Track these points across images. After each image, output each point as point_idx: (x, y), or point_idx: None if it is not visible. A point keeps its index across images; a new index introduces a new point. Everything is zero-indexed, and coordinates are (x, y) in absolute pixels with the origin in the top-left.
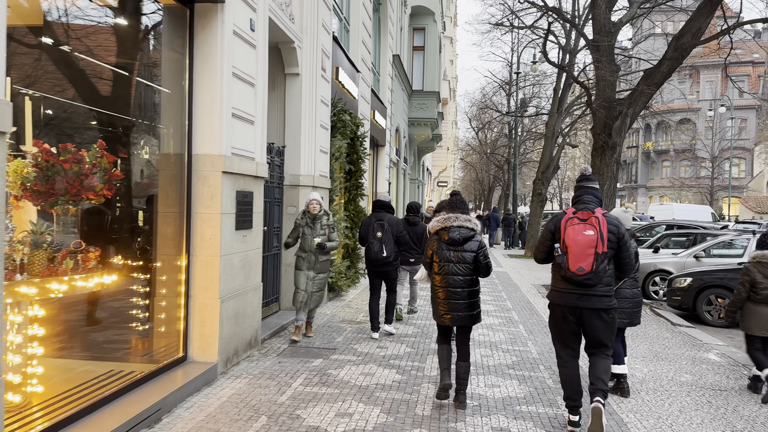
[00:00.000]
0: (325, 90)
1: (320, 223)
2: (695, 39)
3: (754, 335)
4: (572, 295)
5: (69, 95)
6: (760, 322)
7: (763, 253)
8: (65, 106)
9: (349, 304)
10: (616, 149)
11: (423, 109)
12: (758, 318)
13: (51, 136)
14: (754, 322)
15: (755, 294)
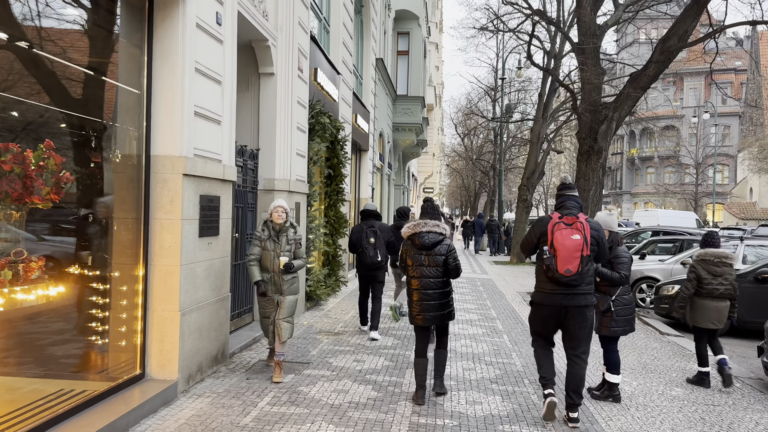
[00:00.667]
0: (303, 91)
1: (286, 237)
2: (681, 42)
3: (701, 327)
4: (558, 296)
5: (12, 90)
6: (706, 314)
7: (707, 251)
8: (5, 101)
9: (328, 313)
10: (602, 154)
11: (408, 114)
12: (704, 311)
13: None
14: (700, 315)
15: (701, 289)
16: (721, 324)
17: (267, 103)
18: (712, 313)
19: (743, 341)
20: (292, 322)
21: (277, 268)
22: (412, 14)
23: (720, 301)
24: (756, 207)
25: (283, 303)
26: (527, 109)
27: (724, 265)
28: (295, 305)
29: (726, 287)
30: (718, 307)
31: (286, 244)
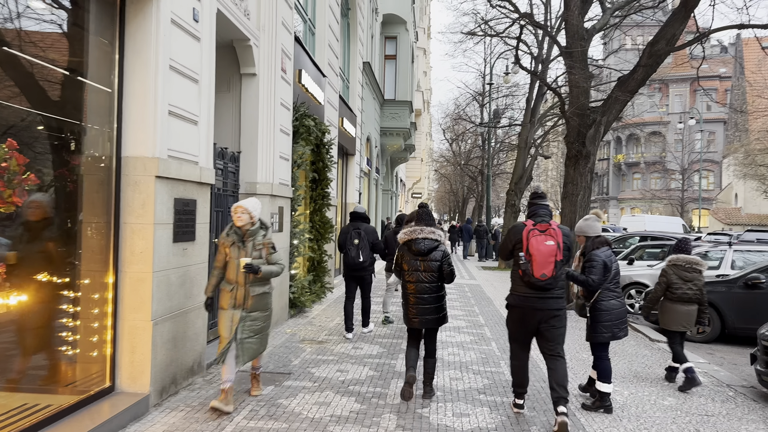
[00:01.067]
0: (286, 93)
1: (253, 242)
2: (669, 45)
3: (672, 330)
4: (533, 299)
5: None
6: (676, 318)
7: (678, 257)
8: None
9: (312, 321)
10: (590, 158)
11: (395, 119)
12: (674, 314)
13: None
14: (671, 319)
15: (671, 293)
16: (690, 327)
17: (249, 104)
18: (682, 316)
19: (734, 348)
20: (261, 343)
21: (241, 278)
22: (400, 18)
23: (689, 305)
24: (741, 212)
25: (247, 320)
26: (515, 115)
27: (694, 271)
28: (264, 325)
29: (695, 292)
30: (687, 311)
31: (253, 250)
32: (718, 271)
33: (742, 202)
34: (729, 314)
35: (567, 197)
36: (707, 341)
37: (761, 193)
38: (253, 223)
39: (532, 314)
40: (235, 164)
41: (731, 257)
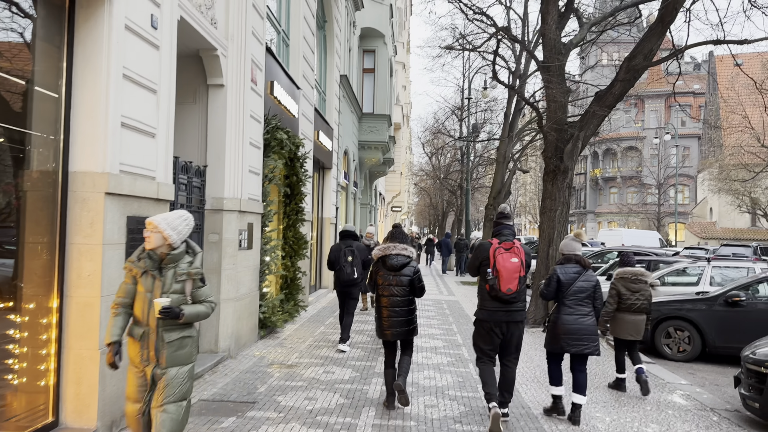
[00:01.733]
0: (257, 104)
1: (174, 271)
2: (647, 60)
3: (621, 338)
4: (500, 312)
5: None
6: (625, 327)
7: (625, 270)
8: None
9: (283, 342)
10: (568, 173)
11: (374, 132)
12: (623, 324)
13: None
14: (620, 328)
15: (621, 304)
16: (639, 335)
17: (216, 116)
18: (631, 325)
19: (715, 367)
20: (182, 411)
21: (153, 320)
22: (378, 32)
23: (637, 314)
24: (716, 226)
25: (162, 380)
26: (493, 129)
27: (639, 282)
28: (185, 383)
29: (642, 302)
30: (635, 320)
31: (174, 282)
32: (697, 287)
33: (717, 217)
34: (710, 333)
35: (545, 212)
36: (688, 360)
37: (735, 208)
38: (172, 246)
39: (499, 326)
40: (200, 179)
41: (710, 273)
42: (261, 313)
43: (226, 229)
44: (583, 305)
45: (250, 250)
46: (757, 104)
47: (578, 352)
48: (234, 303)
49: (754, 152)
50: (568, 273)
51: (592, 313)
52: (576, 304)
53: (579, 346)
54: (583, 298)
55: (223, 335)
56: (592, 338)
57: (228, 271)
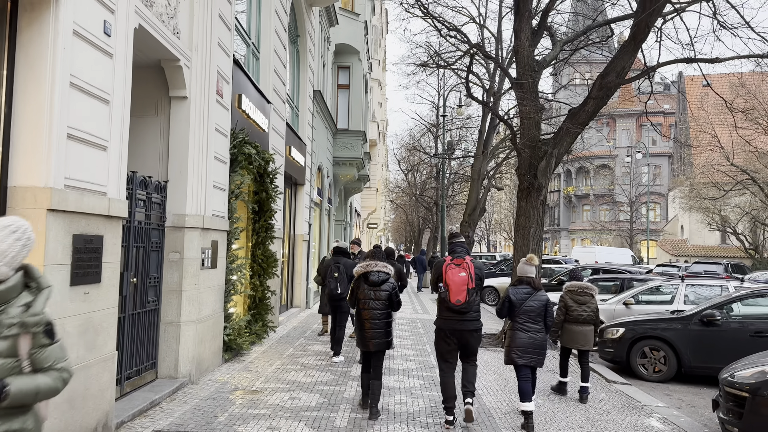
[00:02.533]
0: (222, 118)
1: (5, 317)
2: (620, 78)
3: (567, 347)
4: (454, 321)
5: None
6: (574, 337)
7: (572, 283)
8: None
9: (249, 366)
10: (542, 191)
11: (348, 149)
12: (572, 334)
13: None
14: (569, 338)
15: (568, 315)
16: (588, 345)
17: (179, 129)
18: (579, 336)
19: (691, 387)
20: None
21: None
22: (353, 48)
23: (585, 325)
24: (687, 244)
25: None
26: (468, 147)
27: (586, 295)
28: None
29: (589, 314)
30: (583, 331)
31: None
32: (672, 306)
33: (688, 234)
34: (685, 353)
35: (519, 230)
36: (664, 381)
37: (706, 225)
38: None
39: (453, 333)
40: (161, 194)
41: (684, 292)
42: (225, 336)
43: (188, 247)
44: (533, 323)
45: (215, 269)
46: (726, 123)
47: (525, 364)
48: (195, 325)
49: (723, 171)
50: (519, 294)
51: (542, 330)
52: (527, 321)
53: (527, 359)
54: (534, 316)
55: (184, 359)
56: (540, 352)
57: (189, 291)
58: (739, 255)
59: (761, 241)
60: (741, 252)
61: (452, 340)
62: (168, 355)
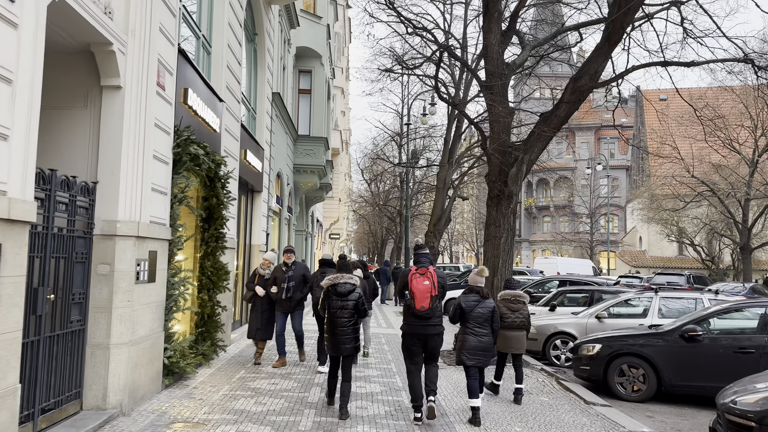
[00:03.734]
0: (164, 113)
1: None
2: (593, 81)
3: (502, 352)
4: (417, 326)
5: None
6: (508, 342)
7: (506, 292)
8: None
9: (193, 392)
10: (513, 198)
11: (310, 156)
12: (506, 339)
13: None
14: (503, 343)
15: (503, 322)
16: (521, 350)
17: (111, 123)
18: (513, 341)
19: (673, 408)
20: None
21: None
22: (315, 52)
23: (518, 331)
24: (646, 255)
25: None
26: (433, 156)
27: (518, 303)
28: None
29: (522, 320)
30: (516, 336)
31: None
32: (646, 320)
33: (647, 245)
34: (665, 370)
35: (489, 240)
36: (642, 401)
37: (664, 237)
38: None
39: (418, 337)
40: (88, 197)
41: (658, 305)
42: (166, 358)
43: (120, 258)
44: (481, 327)
45: (153, 283)
46: (687, 135)
47: (474, 365)
48: (128, 348)
49: (684, 182)
50: (468, 301)
51: (489, 333)
52: (476, 326)
53: (475, 360)
54: (482, 321)
55: (114, 388)
56: (487, 354)
57: (121, 309)
58: (696, 266)
59: (717, 253)
60: (698, 263)
61: (418, 343)
62: (95, 383)
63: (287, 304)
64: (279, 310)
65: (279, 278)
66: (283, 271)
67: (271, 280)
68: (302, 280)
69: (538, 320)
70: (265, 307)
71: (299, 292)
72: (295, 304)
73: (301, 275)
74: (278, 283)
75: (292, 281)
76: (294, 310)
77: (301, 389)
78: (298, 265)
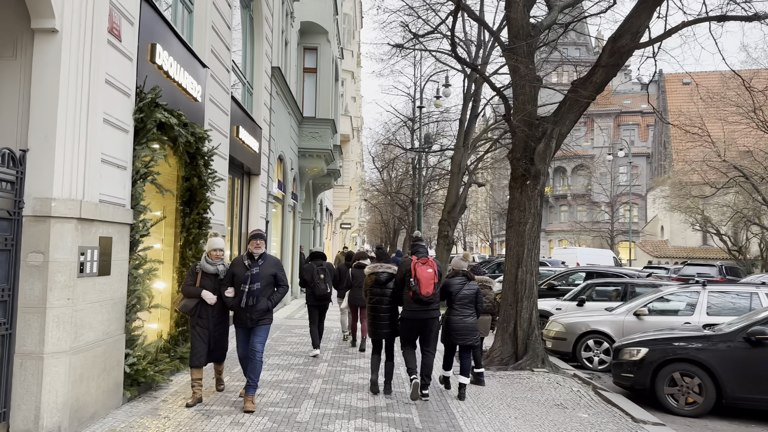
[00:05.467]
0: (120, 68)
1: None
2: (634, 42)
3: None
4: (420, 311)
5: None
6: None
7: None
8: None
9: (160, 406)
10: (540, 179)
11: (316, 139)
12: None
13: None
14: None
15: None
16: (486, 333)
17: (44, 76)
18: (480, 324)
19: (734, 423)
20: None
21: None
22: (320, 28)
23: (485, 315)
24: (668, 245)
25: None
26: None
27: (485, 287)
28: None
29: (488, 305)
30: (483, 319)
31: None
32: (692, 318)
33: (669, 235)
34: (726, 380)
35: (513, 226)
36: (699, 415)
37: (689, 226)
38: None
39: (419, 322)
40: (15, 169)
41: (706, 301)
42: (128, 366)
43: (57, 246)
44: (467, 308)
45: (106, 276)
46: (718, 118)
47: (463, 344)
48: (70, 357)
49: (716, 167)
50: (454, 284)
51: (474, 314)
52: (461, 307)
53: (464, 339)
54: (467, 302)
55: (50, 407)
56: (474, 333)
57: (59, 309)
58: (722, 256)
59: (744, 242)
60: (724, 253)
61: (416, 328)
62: (25, 402)
63: (246, 315)
64: (237, 325)
65: (238, 276)
66: (245, 266)
67: (227, 279)
68: (272, 282)
69: (566, 317)
70: (216, 320)
71: (266, 299)
72: (260, 316)
73: (270, 275)
74: (236, 284)
75: (256, 282)
76: (257, 323)
77: (291, 403)
78: (268, 260)
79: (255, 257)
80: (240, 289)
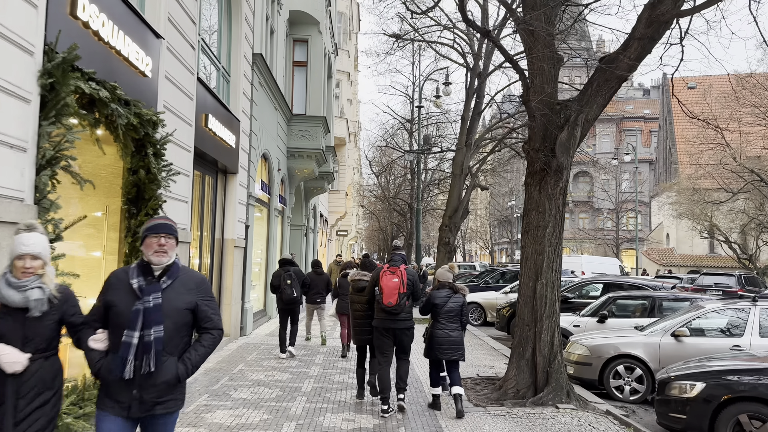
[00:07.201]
0: (16, 17)
1: None
2: (677, 8)
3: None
4: (387, 320)
5: None
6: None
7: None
8: None
9: None
10: (562, 174)
11: (306, 138)
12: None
13: None
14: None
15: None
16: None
17: None
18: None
19: None
20: None
21: None
22: (311, 18)
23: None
24: (674, 253)
25: None
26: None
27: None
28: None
29: None
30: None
31: None
32: (741, 340)
33: (675, 243)
34: None
35: (530, 231)
36: None
37: (696, 233)
38: None
39: (387, 331)
40: None
41: (758, 319)
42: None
43: None
44: (452, 321)
45: None
46: (733, 119)
47: (448, 358)
48: None
49: (733, 170)
50: (440, 296)
51: (459, 328)
52: (447, 321)
53: (449, 354)
54: (453, 316)
55: None
56: (460, 348)
57: None
58: (731, 265)
59: (754, 251)
60: (733, 262)
61: (388, 336)
62: None
63: (132, 394)
64: (107, 410)
65: (118, 311)
66: (132, 291)
67: (93, 315)
68: (188, 322)
69: (591, 338)
70: (26, 403)
71: (176, 359)
72: (160, 395)
73: (185, 309)
74: (114, 326)
75: (155, 325)
76: (153, 410)
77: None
78: (183, 278)
79: (155, 272)
80: (122, 340)
